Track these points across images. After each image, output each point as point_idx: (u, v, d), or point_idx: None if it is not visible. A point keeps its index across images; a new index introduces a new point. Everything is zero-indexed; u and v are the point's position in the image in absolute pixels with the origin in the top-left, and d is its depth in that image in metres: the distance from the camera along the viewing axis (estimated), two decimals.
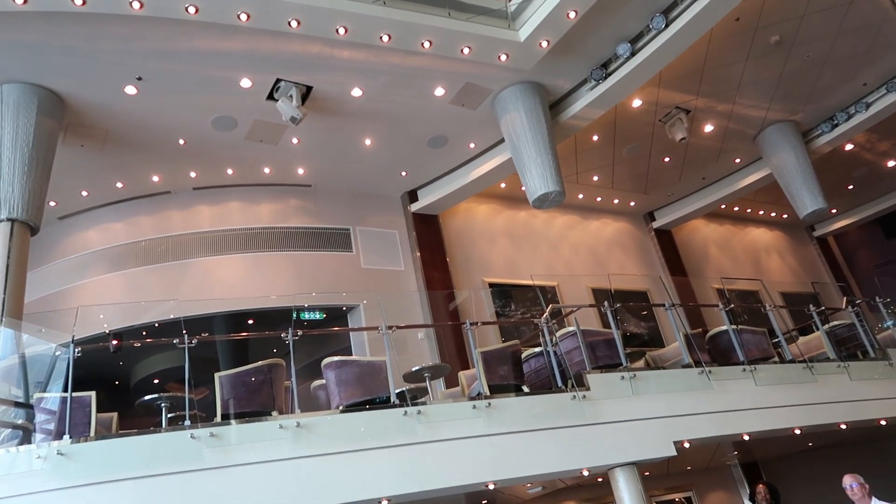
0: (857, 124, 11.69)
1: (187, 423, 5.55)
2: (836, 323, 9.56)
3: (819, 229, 16.93)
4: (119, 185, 10.02)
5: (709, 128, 11.55)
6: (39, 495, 4.95)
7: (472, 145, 10.56)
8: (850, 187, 15.12)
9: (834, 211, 16.07)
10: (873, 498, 5.67)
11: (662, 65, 8.95)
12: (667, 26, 8.32)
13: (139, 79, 8.00)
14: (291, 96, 8.36)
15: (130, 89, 8.14)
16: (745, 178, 13.14)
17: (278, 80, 8.38)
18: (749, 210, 15.67)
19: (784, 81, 10.60)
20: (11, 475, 5.02)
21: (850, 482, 5.74)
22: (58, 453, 5.09)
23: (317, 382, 7.16)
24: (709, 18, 8.18)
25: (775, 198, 14.14)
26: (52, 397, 5.96)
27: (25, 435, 5.94)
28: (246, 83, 8.35)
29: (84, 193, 10.00)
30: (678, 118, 10.74)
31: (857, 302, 9.65)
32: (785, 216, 16.07)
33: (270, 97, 8.59)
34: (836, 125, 11.83)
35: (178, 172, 10.08)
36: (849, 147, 13.11)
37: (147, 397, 6.12)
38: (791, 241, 16.52)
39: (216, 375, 6.21)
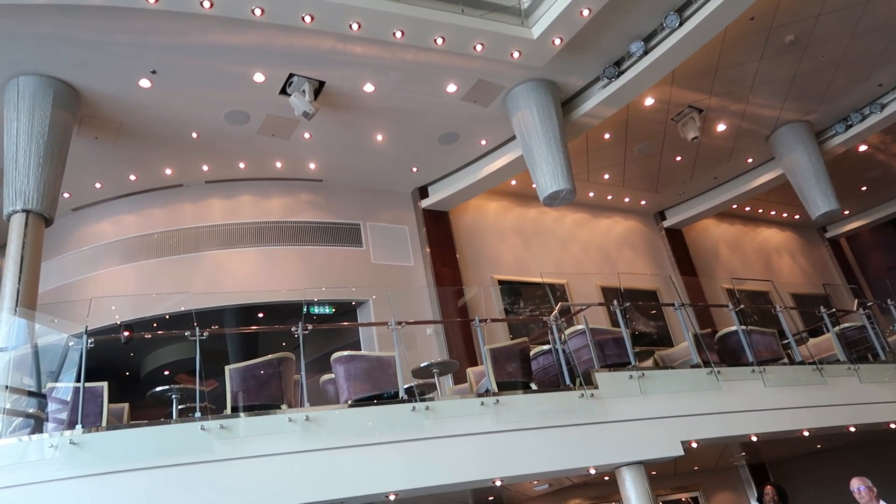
0: (872, 125, 11.61)
1: (198, 414, 5.60)
2: (846, 325, 9.51)
3: (831, 230, 16.82)
4: (132, 177, 10.09)
5: (721, 127, 11.49)
6: (51, 484, 5.02)
7: (483, 142, 10.57)
8: (864, 189, 15.01)
9: (846, 212, 15.96)
10: (881, 501, 5.65)
11: (676, 63, 8.91)
12: (681, 25, 8.29)
13: (153, 72, 8.05)
14: (304, 91, 8.39)
15: (145, 83, 8.19)
16: (757, 178, 13.07)
17: (291, 75, 8.41)
18: (760, 210, 15.59)
19: (798, 81, 10.54)
20: (23, 463, 5.08)
21: (857, 485, 5.72)
22: (70, 443, 5.14)
23: (326, 376, 7.20)
24: (723, 17, 8.14)
25: (787, 198, 14.06)
26: (64, 387, 6.03)
27: (37, 424, 6.01)
28: (259, 78, 8.38)
29: (97, 185, 10.08)
30: (690, 117, 10.70)
31: (869, 304, 9.60)
32: (797, 217, 15.97)
33: (283, 92, 8.62)
34: (850, 126, 11.76)
35: (190, 166, 10.14)
36: (862, 148, 13.02)
37: (158, 389, 6.18)
38: (803, 242, 16.43)
39: (226, 368, 6.25)
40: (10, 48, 7.39)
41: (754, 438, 7.44)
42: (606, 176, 12.57)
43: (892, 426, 8.25)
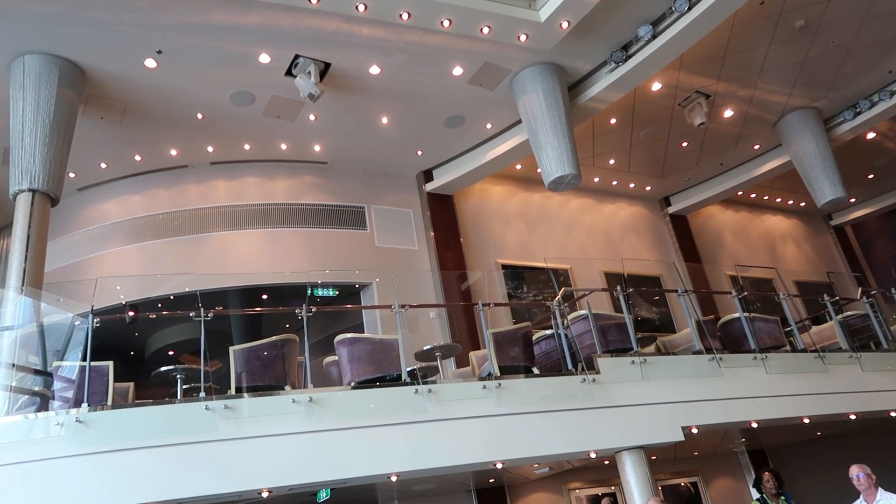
0: (881, 112, 11.53)
1: (202, 394, 5.65)
2: (850, 313, 9.51)
3: (837, 218, 16.76)
4: (137, 157, 10.09)
5: (728, 113, 11.42)
6: (57, 461, 5.09)
7: (488, 126, 10.53)
8: (871, 176, 14.93)
9: (853, 200, 15.88)
10: (879, 489, 5.67)
11: (684, 48, 8.85)
12: (690, 9, 8.20)
13: (159, 52, 8.02)
14: (310, 73, 8.36)
15: (150, 62, 8.17)
16: (763, 164, 13.01)
17: (297, 56, 8.37)
18: (766, 197, 15.53)
19: (807, 67, 10.45)
20: (30, 441, 5.15)
21: (857, 472, 5.74)
22: (76, 420, 5.21)
23: (329, 358, 7.25)
24: (732, 1, 8.06)
25: (793, 185, 14.02)
26: (70, 366, 6.09)
27: (43, 402, 6.07)
28: (265, 59, 8.35)
29: (103, 165, 10.09)
30: (698, 102, 10.63)
31: (873, 292, 9.59)
32: (802, 204, 15.91)
33: (289, 73, 8.59)
34: (859, 113, 11.67)
35: (195, 146, 10.13)
36: (870, 135, 12.94)
37: (163, 368, 6.23)
38: (808, 229, 16.38)
39: (230, 349, 6.31)
40: (16, 27, 7.37)
41: (755, 425, 7.47)
42: (612, 161, 12.53)
43: (893, 414, 8.27)
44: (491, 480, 8.67)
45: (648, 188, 13.77)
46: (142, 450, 5.23)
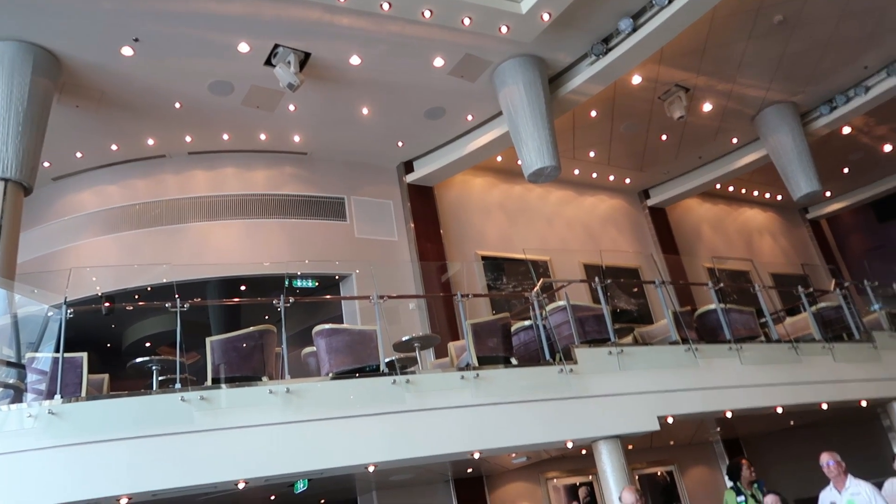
0: (856, 107, 11.69)
1: (178, 386, 5.62)
2: (823, 305, 9.66)
3: (812, 212, 16.99)
4: (114, 147, 9.96)
5: (707, 107, 11.51)
6: (30, 453, 5.04)
7: (469, 117, 10.52)
8: (846, 171, 15.14)
9: (828, 194, 16.10)
10: (849, 476, 5.79)
11: (664, 41, 8.89)
12: (670, 2, 8.24)
13: (136, 40, 7.91)
14: (289, 62, 8.29)
15: (127, 51, 8.05)
16: (741, 158, 13.14)
17: (276, 46, 8.30)
18: (744, 190, 15.70)
19: (785, 62, 10.56)
20: (2, 433, 5.09)
21: (827, 460, 5.85)
22: (49, 412, 5.16)
23: (307, 349, 7.24)
24: None
25: (770, 179, 14.16)
26: (44, 357, 6.02)
27: (16, 394, 6.01)
28: (244, 48, 8.27)
29: (78, 155, 9.94)
30: (677, 96, 10.70)
31: (846, 284, 9.75)
32: (779, 197, 16.11)
33: (268, 63, 8.52)
34: (835, 108, 11.82)
35: (173, 136, 10.02)
36: (846, 130, 13.10)
37: (138, 360, 6.19)
38: (784, 222, 16.59)
39: (207, 340, 6.27)
40: None
41: (729, 414, 7.58)
42: (592, 154, 12.58)
43: (864, 404, 8.43)
44: (469, 470, 8.72)
45: (628, 181, 13.85)
46: (116, 441, 5.19)
